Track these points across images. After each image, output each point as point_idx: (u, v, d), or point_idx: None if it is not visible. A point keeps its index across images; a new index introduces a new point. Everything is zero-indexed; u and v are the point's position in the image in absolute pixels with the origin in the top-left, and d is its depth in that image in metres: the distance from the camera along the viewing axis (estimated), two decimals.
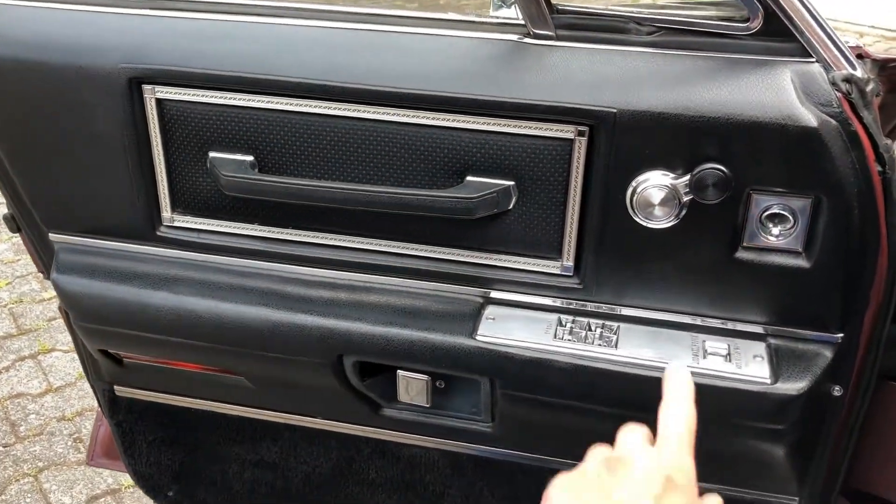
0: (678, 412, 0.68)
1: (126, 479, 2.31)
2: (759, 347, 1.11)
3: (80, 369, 2.77)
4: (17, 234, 1.37)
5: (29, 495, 2.28)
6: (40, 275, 3.41)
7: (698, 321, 1.14)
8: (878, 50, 5.81)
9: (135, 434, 1.49)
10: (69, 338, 2.92)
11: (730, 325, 1.13)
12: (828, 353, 1.10)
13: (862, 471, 1.26)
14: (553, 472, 1.31)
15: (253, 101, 1.13)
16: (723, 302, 1.12)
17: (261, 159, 1.16)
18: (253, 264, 1.24)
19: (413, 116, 1.09)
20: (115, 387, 1.44)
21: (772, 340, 1.12)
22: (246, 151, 1.16)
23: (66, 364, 2.79)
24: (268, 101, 1.12)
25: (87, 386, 2.68)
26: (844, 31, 6.52)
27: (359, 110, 1.10)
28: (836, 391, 1.12)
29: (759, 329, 1.12)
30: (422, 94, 1.07)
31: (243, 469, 1.46)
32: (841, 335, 1.09)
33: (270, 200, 1.17)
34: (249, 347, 1.23)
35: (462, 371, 1.17)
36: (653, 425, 1.10)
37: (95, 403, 2.59)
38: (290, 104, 1.11)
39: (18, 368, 2.77)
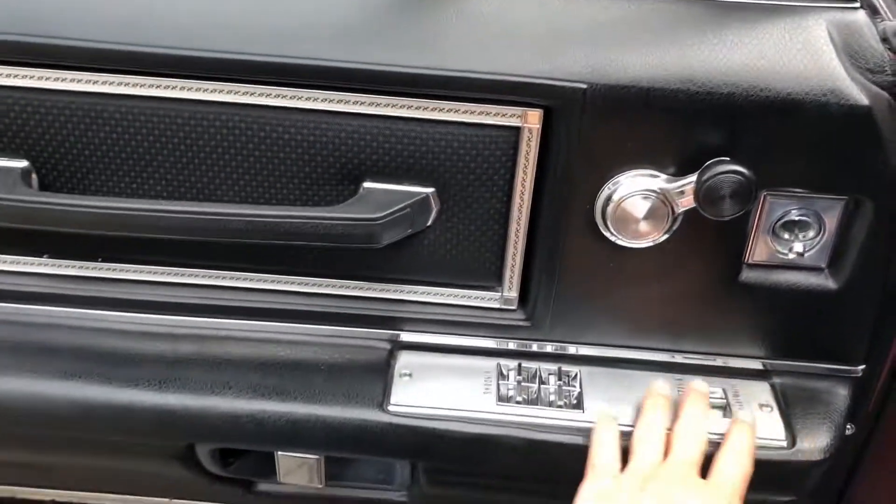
0: (739, 461, 0.73)
1: None
2: (764, 391, 0.84)
3: None
4: None
5: None
6: None
7: (682, 358, 0.85)
8: None
9: None
10: None
11: (721, 362, 0.85)
12: (843, 391, 0.85)
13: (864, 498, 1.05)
14: None
15: (21, 76, 0.71)
16: (718, 334, 0.83)
17: (40, 167, 0.75)
18: (45, 311, 0.84)
19: (278, 97, 0.71)
20: None
21: (776, 380, 0.85)
22: (15, 155, 0.75)
23: None
24: (50, 79, 0.71)
25: None
26: None
27: (189, 88, 0.71)
28: (848, 430, 0.88)
29: (758, 365, 0.85)
30: (291, 64, 0.69)
31: None
32: (862, 367, 0.84)
33: (62, 230, 0.77)
34: (53, 442, 0.84)
35: (371, 455, 0.84)
36: None
37: None
38: (83, 81, 0.71)
39: None
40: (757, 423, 0.80)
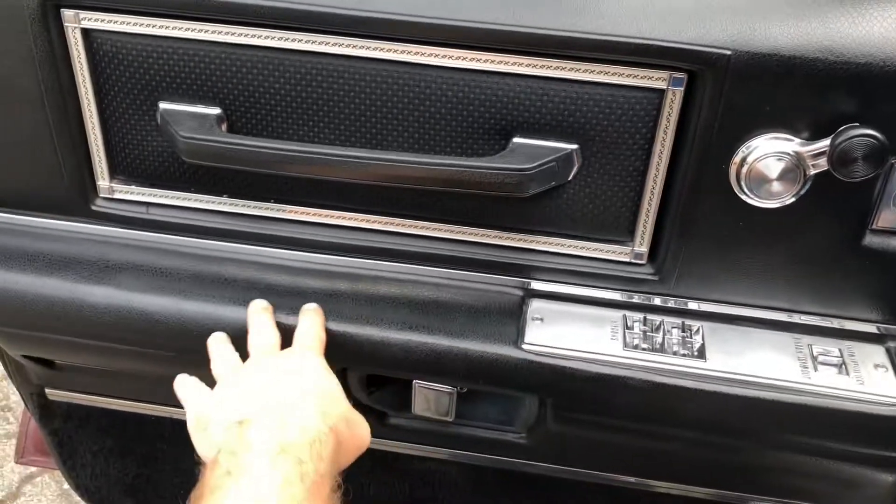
0: (312, 329, 0.88)
1: None
2: (879, 353, 0.88)
3: None
4: None
5: None
6: None
7: (799, 319, 0.90)
8: None
9: (75, 444, 1.21)
10: None
11: (836, 324, 0.90)
12: None
13: None
14: (598, 486, 1.02)
15: (218, 33, 0.82)
16: (836, 296, 0.88)
17: (231, 113, 0.86)
18: (221, 247, 0.95)
19: (439, 56, 0.80)
20: (47, 390, 1.15)
21: (891, 343, 0.89)
22: (210, 102, 0.85)
23: None
24: (239, 34, 0.81)
25: None
26: None
27: (365, 47, 0.80)
28: None
29: (873, 329, 0.89)
30: (453, 27, 0.77)
31: None
32: None
33: (245, 170, 0.87)
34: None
35: (506, 389, 0.92)
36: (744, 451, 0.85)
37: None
38: (270, 37, 0.81)
39: None
40: (870, 381, 0.85)
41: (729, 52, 0.74)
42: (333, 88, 0.83)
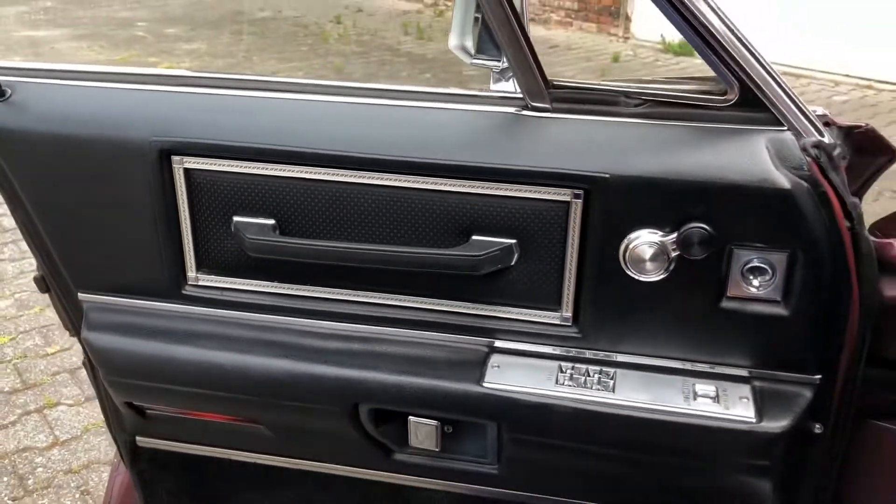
0: None
1: None
2: (745, 389, 1.20)
3: (86, 423, 2.83)
4: (26, 283, 1.45)
5: None
6: (44, 329, 3.46)
7: (688, 366, 1.23)
8: (853, 97, 5.96)
9: (155, 484, 1.56)
10: (74, 391, 2.98)
11: (717, 369, 1.22)
12: (808, 394, 1.19)
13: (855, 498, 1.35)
14: None
15: (274, 169, 1.23)
16: (710, 348, 1.21)
17: (281, 222, 1.26)
18: (273, 319, 1.33)
19: (421, 182, 1.19)
20: (138, 437, 1.52)
21: (756, 383, 1.21)
22: (268, 215, 1.25)
23: (72, 418, 2.84)
24: (288, 170, 1.22)
25: (92, 439, 2.74)
26: (820, 79, 6.75)
27: (372, 177, 1.20)
28: (818, 429, 1.21)
29: (744, 372, 1.22)
30: (430, 163, 1.17)
31: None
32: (819, 377, 1.19)
33: (290, 260, 1.26)
34: (270, 397, 1.31)
35: (470, 416, 1.26)
36: (648, 464, 1.20)
37: (101, 456, 2.65)
38: (309, 172, 1.22)
39: (25, 422, 2.81)
40: (735, 408, 1.17)
41: (607, 176, 1.12)
42: (351, 204, 1.23)
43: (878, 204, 3.99)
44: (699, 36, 1.08)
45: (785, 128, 1.12)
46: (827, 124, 1.17)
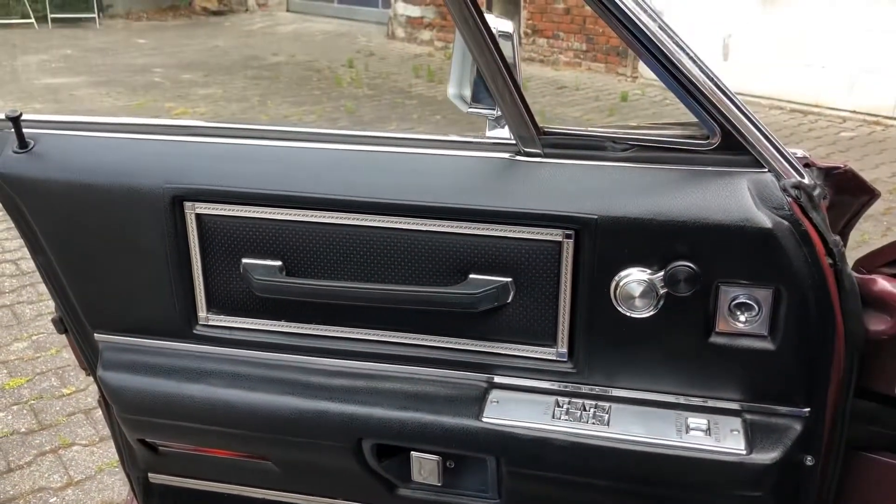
0: None
1: None
2: (736, 422, 1.24)
3: (100, 463, 2.87)
4: (42, 325, 1.51)
5: None
6: (60, 370, 3.52)
7: (681, 399, 1.27)
8: (861, 133, 6.01)
9: None
10: (89, 431, 3.03)
11: (709, 403, 1.26)
12: (797, 426, 1.23)
13: None
14: None
15: (280, 214, 1.29)
16: (701, 382, 1.25)
17: (288, 264, 1.31)
18: (280, 357, 1.38)
19: (421, 224, 1.24)
20: (150, 474, 1.56)
21: (747, 416, 1.25)
22: (275, 257, 1.31)
23: (86, 458, 2.88)
24: (293, 214, 1.28)
25: (106, 479, 2.77)
26: (828, 116, 6.81)
27: (373, 220, 1.26)
28: (809, 461, 1.24)
29: (735, 405, 1.25)
30: (428, 206, 1.23)
31: None
32: (808, 409, 1.22)
33: (297, 300, 1.32)
34: (277, 433, 1.35)
35: (470, 450, 1.30)
36: (646, 497, 1.24)
37: (115, 496, 2.68)
38: (314, 216, 1.28)
39: (40, 463, 2.86)
40: (726, 440, 1.20)
41: (596, 217, 1.17)
42: (353, 246, 1.29)
43: (886, 239, 4.02)
44: (681, 85, 1.13)
45: (766, 169, 1.17)
46: (807, 165, 1.22)
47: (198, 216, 1.31)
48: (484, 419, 1.27)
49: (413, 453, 1.34)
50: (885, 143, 6.15)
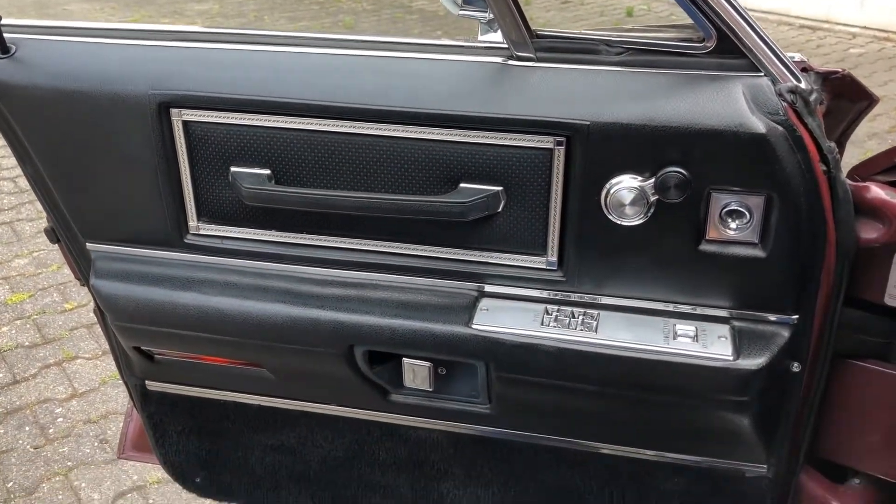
0: None
1: (151, 475, 2.46)
2: (724, 329, 1.25)
3: (103, 375, 2.92)
4: (42, 242, 1.51)
5: (60, 493, 2.42)
6: (61, 286, 3.55)
7: (670, 307, 1.27)
8: (871, 50, 5.88)
9: (165, 425, 1.63)
10: (92, 346, 3.08)
11: (698, 311, 1.27)
12: (785, 333, 1.24)
13: (826, 442, 1.40)
14: (547, 448, 1.45)
15: (269, 121, 1.27)
16: (690, 289, 1.25)
17: (277, 172, 1.30)
18: (271, 266, 1.38)
19: (411, 131, 1.23)
20: (147, 382, 1.59)
21: (735, 323, 1.25)
22: (263, 166, 1.30)
23: (90, 371, 2.93)
24: (282, 121, 1.26)
25: (110, 391, 2.83)
26: (837, 32, 6.66)
27: (363, 127, 1.24)
28: (795, 367, 1.26)
29: (723, 313, 1.26)
30: (419, 112, 1.21)
31: (264, 454, 1.60)
32: (796, 317, 1.23)
33: (286, 209, 1.31)
34: (270, 340, 1.37)
35: (460, 356, 1.31)
36: (631, 402, 1.24)
37: (118, 407, 2.74)
38: (303, 123, 1.26)
39: (45, 375, 2.91)
40: (714, 346, 1.21)
41: (588, 123, 1.15)
42: (342, 154, 1.27)
43: None
44: None
45: (762, 74, 1.15)
46: (804, 70, 1.20)
47: (185, 123, 1.29)
48: (474, 326, 1.28)
49: (405, 360, 1.36)
50: (894, 60, 6.03)
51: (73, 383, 2.87)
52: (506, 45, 1.23)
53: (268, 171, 1.30)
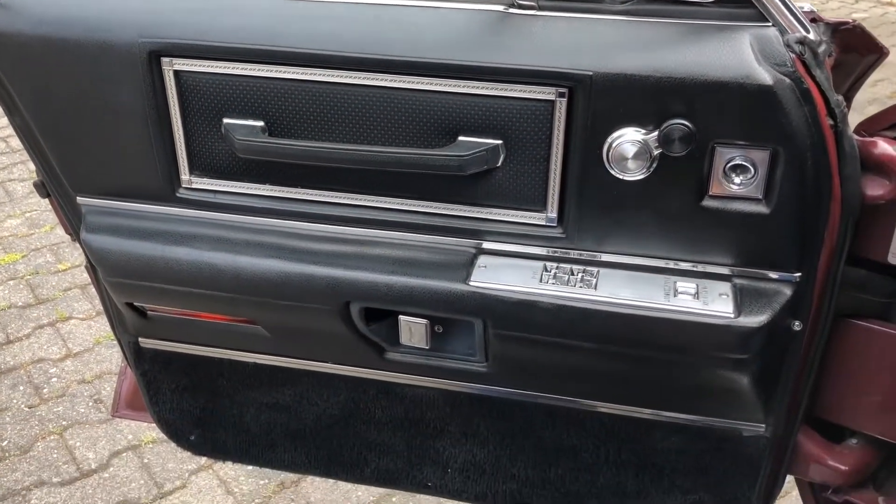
0: None
1: (146, 434, 2.45)
2: (725, 287, 1.23)
3: (97, 336, 2.91)
4: (35, 202, 1.48)
5: (55, 452, 2.42)
6: (54, 247, 3.53)
7: (670, 264, 1.25)
8: (874, 15, 5.81)
9: (159, 383, 1.62)
10: (86, 306, 3.06)
11: (699, 268, 1.24)
12: (787, 291, 1.22)
13: (825, 401, 1.39)
14: (544, 407, 1.43)
15: (263, 70, 1.23)
16: (692, 246, 1.23)
17: (270, 124, 1.27)
18: (264, 222, 1.35)
19: (409, 82, 1.19)
20: (140, 339, 1.57)
21: (737, 280, 1.23)
22: (257, 117, 1.27)
23: (84, 331, 2.92)
24: (276, 71, 1.23)
25: (104, 351, 2.82)
26: None
27: (359, 77, 1.21)
28: (796, 326, 1.24)
29: (725, 270, 1.24)
30: (416, 62, 1.17)
31: (260, 412, 1.59)
32: (798, 274, 1.21)
33: (280, 161, 1.28)
34: (264, 296, 1.34)
35: (457, 313, 1.29)
36: (630, 360, 1.23)
37: (112, 367, 2.73)
38: (297, 73, 1.22)
39: (38, 335, 2.90)
40: (714, 304, 1.19)
41: (591, 74, 1.12)
42: (337, 105, 1.24)
43: None
44: None
45: (770, 24, 1.12)
46: (814, 21, 1.16)
47: (176, 73, 1.26)
48: (471, 282, 1.26)
49: (401, 317, 1.34)
50: None
51: (66, 343, 2.85)
52: None
53: (261, 123, 1.27)
